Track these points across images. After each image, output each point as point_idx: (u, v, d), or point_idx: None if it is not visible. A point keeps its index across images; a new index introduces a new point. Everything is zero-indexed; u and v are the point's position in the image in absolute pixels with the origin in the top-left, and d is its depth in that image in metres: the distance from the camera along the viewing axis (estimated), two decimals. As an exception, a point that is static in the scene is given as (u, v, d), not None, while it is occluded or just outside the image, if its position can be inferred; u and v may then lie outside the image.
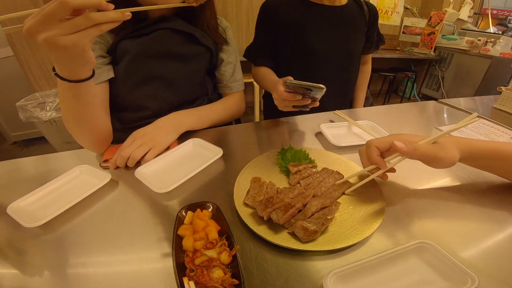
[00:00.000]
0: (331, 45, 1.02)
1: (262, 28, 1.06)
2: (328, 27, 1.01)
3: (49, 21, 0.40)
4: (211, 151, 0.64)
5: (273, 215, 0.45)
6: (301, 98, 0.66)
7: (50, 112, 2.21)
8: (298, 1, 1.02)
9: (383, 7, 3.66)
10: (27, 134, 3.00)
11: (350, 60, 1.08)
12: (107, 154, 0.65)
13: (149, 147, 0.62)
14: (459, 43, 3.42)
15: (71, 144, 2.39)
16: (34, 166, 0.69)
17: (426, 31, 3.52)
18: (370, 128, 0.79)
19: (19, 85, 2.78)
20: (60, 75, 0.52)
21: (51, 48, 0.43)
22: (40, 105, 2.23)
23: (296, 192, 0.50)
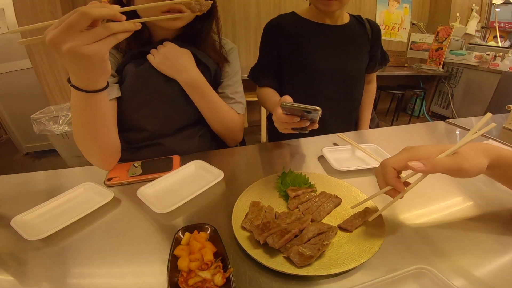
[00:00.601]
0: (334, 65, 1.02)
1: (266, 48, 1.07)
2: (330, 47, 1.02)
3: (71, 31, 0.42)
4: (212, 174, 0.65)
5: (269, 239, 0.45)
6: (299, 121, 0.66)
7: (63, 126, 2.28)
8: (300, 21, 1.03)
9: (390, 23, 3.70)
10: (39, 146, 3.07)
11: (354, 80, 1.08)
12: (112, 172, 0.67)
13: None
14: (468, 58, 3.39)
15: (81, 158, 2.43)
16: (42, 180, 0.72)
17: (433, 46, 3.52)
18: (374, 151, 0.79)
19: (35, 97, 2.87)
20: (76, 85, 0.53)
21: (73, 58, 0.45)
22: (54, 119, 2.31)
23: (294, 218, 0.50)
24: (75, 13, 0.42)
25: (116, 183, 0.64)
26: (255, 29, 3.18)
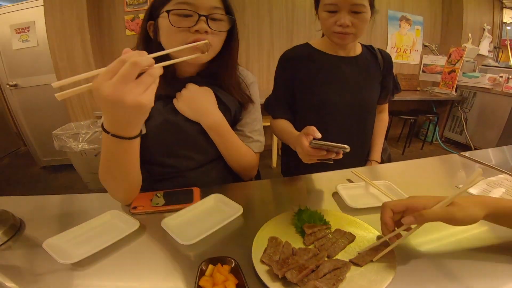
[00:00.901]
0: (347, 97, 1.04)
1: (280, 80, 1.10)
2: (344, 79, 1.04)
3: (127, 83, 0.44)
4: (231, 208, 0.68)
5: (287, 274, 0.48)
6: (325, 154, 0.70)
7: (82, 144, 2.37)
8: (314, 53, 1.06)
9: (402, 45, 3.73)
10: (56, 161, 3.16)
11: (367, 111, 1.10)
12: (136, 201, 0.71)
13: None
14: (481, 81, 3.36)
15: (96, 175, 2.50)
16: (68, 203, 0.77)
17: (446, 69, 3.50)
18: (387, 188, 0.80)
19: (57, 112, 2.97)
20: (114, 133, 0.53)
21: (133, 108, 0.46)
22: (74, 136, 2.40)
23: (311, 255, 0.53)
24: (127, 64, 0.44)
25: (141, 212, 0.68)
26: (268, 52, 3.26)
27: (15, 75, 2.92)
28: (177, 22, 0.67)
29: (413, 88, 3.80)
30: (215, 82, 0.82)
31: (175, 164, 0.82)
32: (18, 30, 2.82)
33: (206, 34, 0.68)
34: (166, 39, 0.71)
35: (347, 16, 0.90)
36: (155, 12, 0.72)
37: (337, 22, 0.92)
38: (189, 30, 0.67)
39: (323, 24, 0.97)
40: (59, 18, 2.58)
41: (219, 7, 0.71)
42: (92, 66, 2.68)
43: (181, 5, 0.67)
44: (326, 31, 0.98)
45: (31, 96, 2.98)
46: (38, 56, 2.85)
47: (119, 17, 2.90)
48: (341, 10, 0.91)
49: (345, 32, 0.92)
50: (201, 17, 0.67)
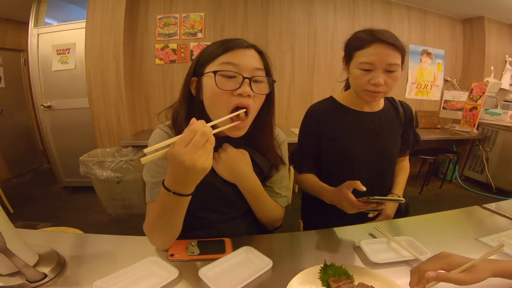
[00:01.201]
0: (370, 152, 1.06)
1: (306, 135, 1.12)
2: (367, 134, 1.06)
3: (198, 149, 0.52)
4: (262, 261, 0.71)
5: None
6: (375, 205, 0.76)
7: (107, 172, 2.46)
8: (339, 108, 1.09)
9: (422, 81, 3.70)
10: (77, 182, 3.24)
11: (387, 165, 1.12)
12: (172, 248, 0.75)
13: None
14: (503, 118, 3.28)
15: (116, 200, 2.63)
16: (104, 243, 0.81)
17: (468, 105, 3.44)
18: (408, 244, 0.82)
19: (84, 136, 3.08)
20: (176, 191, 0.60)
21: (201, 172, 0.54)
22: (100, 163, 2.50)
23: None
24: (198, 134, 0.52)
25: (177, 259, 0.72)
26: (289, 87, 3.31)
27: (50, 97, 3.09)
28: (222, 83, 0.69)
29: (433, 126, 3.73)
30: (250, 143, 0.85)
31: (208, 217, 0.87)
32: (59, 51, 3.00)
33: (248, 97, 0.71)
34: (210, 100, 0.74)
35: (381, 75, 0.92)
36: (199, 69, 0.76)
37: (371, 81, 0.93)
38: (232, 93, 0.70)
39: (355, 82, 0.99)
40: (98, 43, 2.71)
41: (260, 69, 0.74)
42: (122, 94, 2.78)
43: (226, 66, 0.70)
44: (357, 88, 1.00)
45: (63, 118, 3.13)
46: (73, 79, 3.01)
47: (151, 46, 3.06)
48: (376, 69, 0.92)
49: (377, 90, 0.94)
50: (245, 80, 0.70)
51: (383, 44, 0.91)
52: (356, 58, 0.97)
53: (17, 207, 2.80)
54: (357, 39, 0.97)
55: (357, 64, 0.96)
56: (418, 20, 3.59)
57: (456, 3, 3.33)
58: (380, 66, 0.92)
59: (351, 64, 1.00)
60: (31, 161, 4.08)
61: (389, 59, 0.91)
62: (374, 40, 0.92)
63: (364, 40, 0.94)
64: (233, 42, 0.74)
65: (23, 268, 0.61)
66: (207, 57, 0.74)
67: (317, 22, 3.25)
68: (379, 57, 0.91)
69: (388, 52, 0.91)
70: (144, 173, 0.81)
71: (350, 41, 1.02)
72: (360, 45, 0.95)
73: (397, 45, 0.92)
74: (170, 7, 3.02)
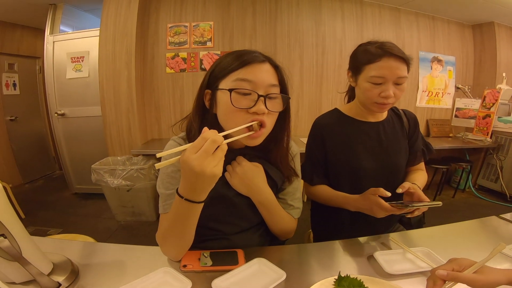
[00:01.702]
0: (376, 162, 1.06)
1: (314, 147, 1.13)
2: (372, 144, 1.07)
3: (208, 156, 0.54)
4: (275, 273, 0.70)
5: None
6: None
7: (118, 180, 2.51)
8: (344, 119, 1.11)
9: (433, 89, 3.65)
10: (88, 189, 3.30)
11: (395, 174, 1.10)
12: (185, 259, 0.75)
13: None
14: None
15: (126, 208, 2.67)
16: (117, 253, 0.82)
17: (480, 113, 3.38)
18: (425, 255, 0.80)
19: (96, 144, 3.13)
20: (189, 198, 0.62)
21: (210, 178, 0.56)
22: (111, 171, 2.55)
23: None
24: (208, 142, 0.54)
25: (190, 270, 0.72)
26: (298, 97, 3.30)
27: (64, 104, 3.16)
28: (237, 101, 0.69)
29: (445, 135, 3.66)
30: (264, 156, 0.85)
31: (221, 229, 0.86)
32: (73, 59, 3.07)
33: (263, 114, 0.71)
34: (224, 116, 0.74)
35: (391, 87, 0.94)
36: (213, 82, 0.75)
37: (381, 94, 0.95)
38: (247, 111, 0.70)
39: (365, 94, 1.00)
40: (111, 51, 2.76)
41: (275, 85, 0.74)
42: (133, 103, 2.81)
43: (241, 83, 0.70)
44: (367, 101, 1.01)
45: (75, 125, 3.19)
46: (87, 87, 3.07)
47: (162, 55, 3.10)
48: (387, 82, 0.94)
49: (387, 102, 0.96)
50: (260, 98, 0.70)
51: (393, 57, 0.93)
52: (366, 72, 0.98)
53: (29, 213, 2.85)
54: (366, 52, 0.98)
55: (368, 77, 0.97)
56: (427, 27, 3.56)
57: (464, 8, 3.31)
58: (390, 79, 0.94)
59: (360, 77, 1.01)
60: (43, 168, 4.16)
61: (399, 72, 0.94)
62: (384, 53, 0.93)
63: (374, 54, 0.95)
64: (248, 56, 0.73)
65: (38, 276, 0.61)
66: (222, 71, 0.73)
67: (325, 30, 3.25)
68: (389, 70, 0.93)
69: (398, 65, 0.93)
70: (158, 185, 0.82)
71: (357, 54, 1.03)
72: (370, 58, 0.96)
73: (405, 58, 0.95)
74: (180, 16, 3.07)
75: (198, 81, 0.83)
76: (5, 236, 0.56)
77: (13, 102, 3.69)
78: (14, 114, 3.69)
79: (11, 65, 3.66)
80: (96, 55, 2.84)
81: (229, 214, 0.85)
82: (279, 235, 0.93)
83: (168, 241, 0.74)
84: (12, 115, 3.67)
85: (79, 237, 1.18)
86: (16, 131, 3.72)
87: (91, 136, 3.17)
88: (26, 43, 3.83)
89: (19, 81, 3.76)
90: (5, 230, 0.56)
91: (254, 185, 0.81)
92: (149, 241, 0.80)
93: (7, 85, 3.62)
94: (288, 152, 0.88)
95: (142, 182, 2.56)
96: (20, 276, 0.62)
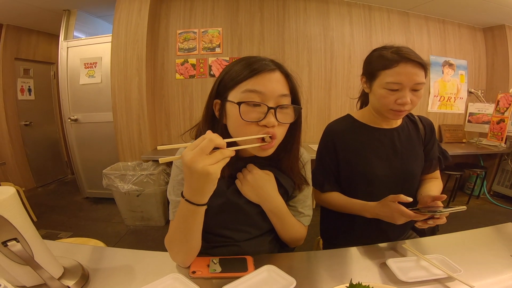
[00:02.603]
0: (390, 169, 1.03)
1: (325, 154, 1.09)
2: (386, 151, 1.04)
3: (202, 154, 0.55)
4: (285, 280, 0.69)
5: None
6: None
7: (128, 185, 2.54)
8: (357, 126, 1.08)
9: (445, 93, 3.59)
10: (98, 193, 3.36)
11: (409, 182, 1.07)
12: (194, 265, 0.75)
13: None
14: None
15: (135, 213, 2.70)
16: (127, 258, 0.82)
17: (494, 118, 3.30)
18: (440, 262, 0.77)
19: (107, 149, 3.18)
20: (190, 199, 0.63)
21: (201, 175, 0.56)
22: (121, 176, 2.58)
23: None
24: (205, 140, 0.55)
25: (199, 277, 0.71)
26: (306, 103, 3.27)
27: (77, 110, 3.23)
28: (246, 114, 0.68)
29: (458, 140, 3.57)
30: (275, 164, 0.84)
31: (230, 236, 0.86)
32: (86, 64, 3.14)
33: (273, 127, 0.69)
34: (234, 128, 0.73)
35: (408, 94, 0.91)
36: (222, 92, 0.73)
37: (397, 101, 0.92)
38: (257, 124, 0.69)
39: (381, 101, 0.96)
40: (122, 57, 2.81)
41: (286, 95, 0.72)
42: (144, 109, 2.85)
43: (251, 95, 0.68)
44: (382, 108, 0.98)
45: (88, 131, 3.25)
46: (99, 93, 3.14)
47: (171, 61, 3.13)
48: (404, 89, 0.91)
49: (403, 109, 0.93)
50: (270, 110, 0.68)
51: (410, 63, 0.89)
52: (381, 78, 0.94)
53: (41, 216, 2.90)
54: (382, 58, 0.95)
55: (383, 84, 0.94)
56: (437, 31, 3.52)
57: (475, 12, 3.25)
58: (408, 85, 0.91)
59: (375, 83, 0.98)
60: (56, 172, 4.24)
61: (417, 78, 0.90)
62: (401, 59, 0.90)
63: (390, 59, 0.92)
64: (257, 64, 0.70)
65: (49, 280, 0.62)
66: (231, 81, 0.72)
67: (333, 35, 3.24)
68: (407, 76, 0.90)
69: (415, 71, 0.90)
70: (168, 191, 0.82)
71: (372, 60, 1.00)
72: (386, 64, 0.93)
73: (423, 63, 0.91)
74: (189, 22, 3.11)
75: (207, 87, 0.83)
76: (18, 240, 0.57)
77: (28, 107, 3.78)
78: (28, 119, 3.78)
79: (27, 71, 3.76)
80: (108, 61, 2.90)
81: (239, 221, 0.85)
82: (289, 242, 0.92)
83: (173, 245, 0.74)
84: (26, 120, 3.76)
85: (90, 241, 1.19)
86: (30, 136, 3.81)
87: (103, 142, 3.22)
88: (42, 49, 3.93)
89: (34, 86, 3.86)
90: (18, 234, 0.57)
91: (264, 193, 0.80)
92: (157, 246, 0.80)
93: (22, 91, 3.71)
94: (298, 160, 0.87)
95: (152, 187, 2.58)
96: (31, 280, 0.62)
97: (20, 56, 3.64)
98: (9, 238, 0.56)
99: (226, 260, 0.77)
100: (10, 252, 0.56)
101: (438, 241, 0.96)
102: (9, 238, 0.56)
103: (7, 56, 3.47)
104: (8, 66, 3.49)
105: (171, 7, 3.10)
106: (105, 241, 1.19)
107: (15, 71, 3.60)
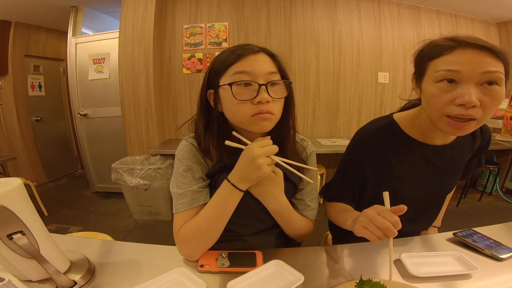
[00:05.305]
0: (423, 191, 0.88)
1: (351, 165, 0.90)
2: (427, 174, 0.85)
3: (267, 153, 0.69)
4: (293, 275, 0.68)
5: None
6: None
7: (137, 179, 2.56)
8: (401, 138, 0.83)
9: (457, 87, 3.51)
10: (108, 188, 3.40)
11: (437, 201, 0.97)
12: (202, 259, 0.74)
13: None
14: None
15: (143, 207, 2.73)
16: (134, 252, 0.81)
17: (508, 113, 3.22)
18: (456, 259, 0.75)
19: (116, 144, 3.22)
20: (236, 184, 0.71)
21: (259, 169, 0.67)
22: (129, 171, 2.60)
23: None
24: (273, 146, 0.71)
25: (207, 271, 0.71)
26: (314, 97, 3.25)
27: (86, 105, 3.26)
28: (239, 94, 0.69)
29: (471, 136, 3.50)
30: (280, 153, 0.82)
31: (235, 230, 0.85)
32: (95, 60, 3.17)
33: (268, 103, 0.70)
34: (231, 111, 0.74)
35: (473, 89, 0.61)
36: (213, 81, 0.75)
37: (456, 100, 0.63)
38: (251, 102, 0.70)
39: (431, 103, 0.69)
40: (130, 53, 2.82)
41: (275, 72, 0.74)
42: (151, 103, 2.86)
43: (240, 75, 0.70)
44: (435, 113, 0.69)
45: (97, 126, 3.29)
46: (108, 88, 3.17)
47: (178, 56, 3.14)
48: (464, 81, 0.62)
49: (467, 115, 0.62)
50: (261, 87, 0.69)
51: (471, 47, 0.62)
52: (431, 69, 0.68)
53: (52, 210, 2.94)
54: (434, 46, 0.70)
55: (435, 75, 0.66)
56: (450, 25, 3.42)
57: (488, 5, 3.15)
58: (471, 75, 0.61)
59: (425, 79, 0.71)
60: (66, 167, 4.31)
61: (485, 66, 0.60)
62: (458, 44, 0.64)
63: (443, 45, 0.67)
64: (242, 49, 0.73)
65: (54, 274, 0.61)
66: (219, 68, 0.74)
67: (341, 29, 3.19)
68: (468, 64, 0.61)
69: (481, 57, 0.61)
70: (171, 185, 0.82)
71: (423, 52, 0.74)
72: (437, 52, 0.68)
73: (494, 49, 0.61)
74: (195, 17, 3.10)
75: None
76: (24, 233, 0.56)
77: (39, 103, 3.84)
78: (39, 115, 3.84)
79: (37, 67, 3.81)
80: (116, 56, 2.92)
81: (244, 216, 0.84)
82: (295, 238, 0.91)
83: (199, 235, 0.74)
84: (37, 115, 3.83)
85: (99, 235, 1.20)
86: (41, 131, 3.87)
87: (111, 136, 3.26)
88: (51, 45, 3.98)
89: (44, 82, 3.91)
90: (24, 226, 0.56)
91: (268, 193, 0.79)
92: (165, 240, 0.80)
93: (33, 87, 3.77)
94: (295, 142, 0.87)
95: (159, 181, 2.59)
96: (37, 274, 0.62)
97: (30, 53, 3.68)
98: (14, 231, 0.55)
99: (235, 254, 0.76)
100: (15, 245, 0.55)
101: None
102: (15, 231, 0.55)
103: (17, 53, 3.51)
104: (18, 63, 3.53)
105: (177, 2, 3.09)
106: (114, 235, 1.19)
107: (25, 68, 3.65)
